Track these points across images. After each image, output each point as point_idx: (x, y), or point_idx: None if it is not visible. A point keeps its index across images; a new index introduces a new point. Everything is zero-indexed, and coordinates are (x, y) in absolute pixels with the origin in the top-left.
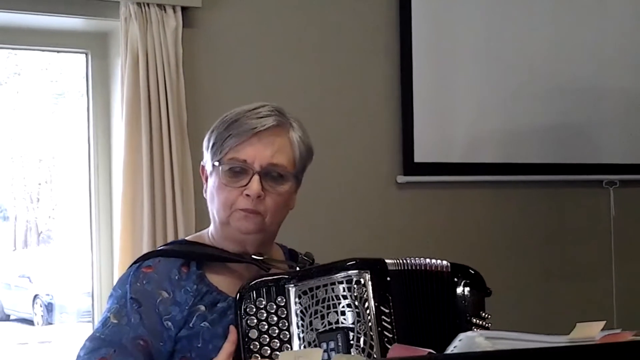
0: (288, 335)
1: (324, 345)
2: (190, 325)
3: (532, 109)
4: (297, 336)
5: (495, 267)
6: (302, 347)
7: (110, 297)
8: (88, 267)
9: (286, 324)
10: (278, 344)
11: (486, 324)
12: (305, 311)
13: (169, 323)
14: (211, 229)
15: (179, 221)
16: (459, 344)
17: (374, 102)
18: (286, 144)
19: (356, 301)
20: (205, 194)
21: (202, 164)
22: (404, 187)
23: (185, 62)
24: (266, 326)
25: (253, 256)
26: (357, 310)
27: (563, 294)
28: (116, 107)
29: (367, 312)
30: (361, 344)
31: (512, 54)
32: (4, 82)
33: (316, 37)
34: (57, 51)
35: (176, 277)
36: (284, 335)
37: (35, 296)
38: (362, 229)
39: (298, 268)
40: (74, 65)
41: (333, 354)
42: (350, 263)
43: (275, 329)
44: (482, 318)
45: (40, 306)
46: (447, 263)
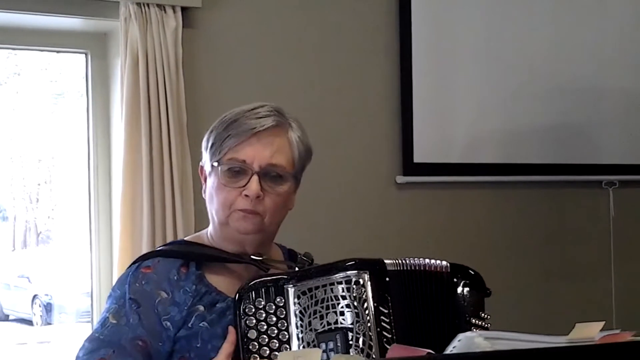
0: (287, 336)
1: (323, 346)
2: (189, 325)
3: (532, 109)
4: (296, 336)
5: (494, 267)
6: (301, 348)
7: (109, 298)
8: (87, 268)
9: (285, 324)
10: (277, 344)
11: (486, 325)
12: (304, 311)
13: (168, 323)
14: (210, 229)
15: (178, 221)
16: (458, 344)
17: (373, 102)
18: (285, 144)
19: (355, 301)
20: (204, 194)
21: (201, 164)
22: (403, 188)
23: (185, 63)
24: (265, 326)
25: (252, 256)
26: (356, 311)
27: (562, 294)
28: (116, 107)
29: (366, 312)
30: (360, 344)
31: (512, 54)
32: (4, 82)
33: (316, 37)
34: (57, 51)
35: (175, 277)
36: (283, 336)
37: (35, 296)
38: (361, 229)
39: (297, 268)
40: (73, 65)
41: (332, 355)
42: (350, 263)
43: (274, 329)
44: (481, 318)
45: (40, 306)
46: (447, 263)
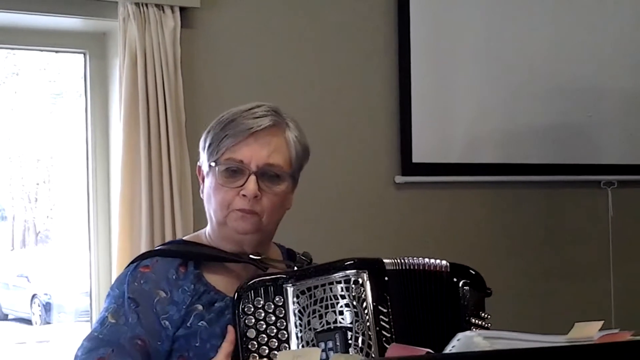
0: (286, 335)
1: (322, 345)
2: (188, 324)
3: (531, 109)
4: (295, 336)
5: (493, 267)
6: (300, 347)
7: (108, 297)
8: (86, 267)
9: (284, 323)
10: (276, 343)
11: (486, 324)
12: (303, 311)
13: (167, 322)
14: (208, 229)
15: (177, 221)
16: (457, 344)
17: (372, 102)
18: (282, 144)
19: (354, 301)
20: (202, 194)
21: (198, 164)
22: (402, 188)
23: (183, 63)
24: (264, 326)
25: (251, 256)
26: (355, 310)
27: (561, 294)
28: (114, 107)
29: (365, 311)
30: (359, 344)
31: (511, 54)
32: (2, 82)
33: (315, 37)
34: (56, 51)
35: (174, 276)
36: (282, 335)
37: (34, 296)
38: (360, 229)
39: (296, 268)
40: (72, 65)
41: (331, 354)
42: (348, 263)
43: (273, 329)
44: (481, 318)
45: (39, 306)
46: (447, 263)
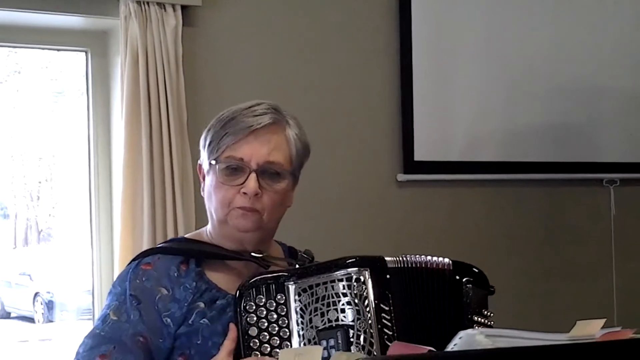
0: (288, 333)
1: (324, 343)
2: (190, 322)
3: (532, 108)
4: (296, 333)
5: (495, 265)
6: (302, 345)
7: (110, 294)
8: (88, 265)
9: (286, 321)
10: (278, 341)
11: (489, 322)
12: (305, 309)
13: (168, 320)
14: (209, 227)
15: (178, 219)
16: (459, 342)
17: (374, 101)
18: (282, 142)
19: (356, 299)
20: (202, 193)
21: (199, 162)
22: (404, 186)
23: (185, 61)
24: (266, 324)
25: (252, 253)
26: (357, 308)
27: (563, 292)
28: (116, 105)
29: (367, 309)
30: (361, 342)
31: (512, 53)
32: (4, 80)
33: (317, 36)
34: (57, 49)
35: (175, 274)
36: (283, 333)
37: (36, 294)
38: (362, 227)
39: (297, 265)
40: (74, 63)
41: (333, 352)
42: (350, 261)
43: (275, 327)
44: (484, 316)
45: (41, 304)
46: (449, 261)
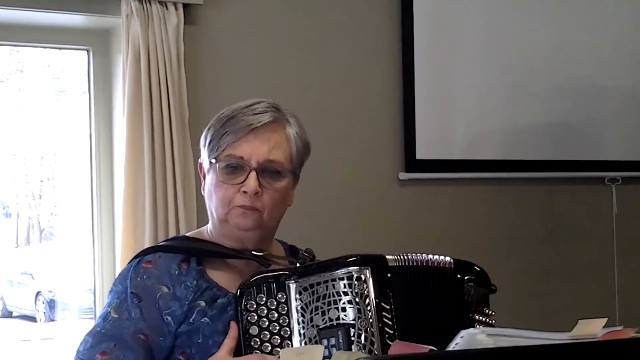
0: (289, 332)
1: (325, 342)
2: (191, 320)
3: (533, 107)
4: (297, 332)
5: (496, 264)
6: (303, 344)
7: (111, 292)
8: (90, 264)
9: (287, 320)
10: (279, 340)
11: (490, 321)
12: (305, 307)
13: (169, 318)
14: (210, 226)
15: (180, 218)
16: (460, 341)
17: (376, 100)
18: (283, 140)
19: (357, 297)
20: (203, 192)
21: (199, 161)
22: (405, 184)
23: (186, 59)
24: (267, 322)
25: (253, 252)
26: (358, 307)
27: (564, 292)
28: (118, 104)
29: (367, 308)
30: (362, 340)
31: (512, 53)
32: (6, 79)
33: (318, 35)
34: (59, 48)
35: (176, 272)
36: (284, 332)
37: (38, 293)
38: (364, 226)
39: (298, 264)
40: (75, 62)
41: (334, 351)
42: (351, 259)
43: (275, 326)
44: (485, 315)
45: (43, 303)
46: (450, 259)
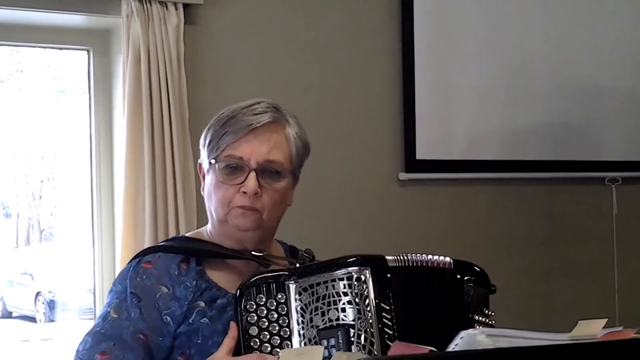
0: (288, 332)
1: (324, 342)
2: (190, 321)
3: (533, 107)
4: (297, 333)
5: (496, 264)
6: (303, 344)
7: (110, 292)
8: (90, 264)
9: (286, 320)
10: (278, 340)
11: (490, 321)
12: (305, 308)
13: (168, 318)
14: (209, 226)
15: (180, 218)
16: (460, 342)
17: (376, 100)
18: (282, 140)
19: (357, 298)
20: (203, 192)
21: (199, 161)
22: (405, 184)
23: (186, 60)
24: (266, 323)
25: (253, 252)
26: (358, 307)
27: (564, 292)
28: (118, 104)
29: (367, 309)
30: (362, 341)
31: (512, 53)
32: (6, 79)
33: (318, 35)
34: (59, 48)
35: (176, 272)
36: (284, 332)
37: (38, 293)
38: (363, 226)
39: (298, 265)
40: (76, 62)
41: (334, 351)
42: (351, 260)
43: (275, 326)
44: (485, 315)
45: (43, 303)
46: (450, 260)
